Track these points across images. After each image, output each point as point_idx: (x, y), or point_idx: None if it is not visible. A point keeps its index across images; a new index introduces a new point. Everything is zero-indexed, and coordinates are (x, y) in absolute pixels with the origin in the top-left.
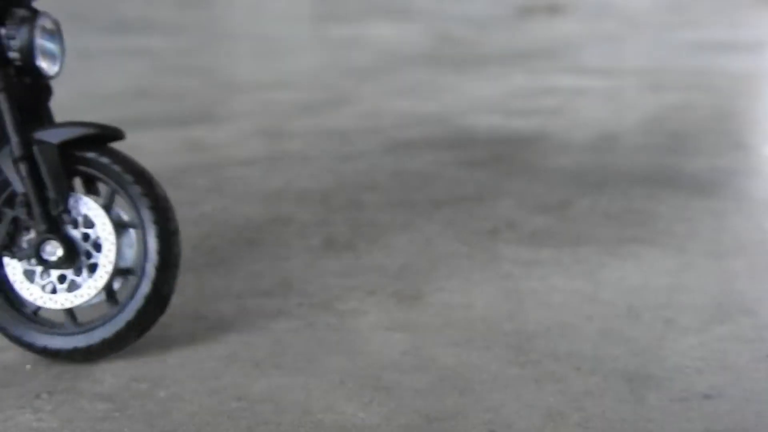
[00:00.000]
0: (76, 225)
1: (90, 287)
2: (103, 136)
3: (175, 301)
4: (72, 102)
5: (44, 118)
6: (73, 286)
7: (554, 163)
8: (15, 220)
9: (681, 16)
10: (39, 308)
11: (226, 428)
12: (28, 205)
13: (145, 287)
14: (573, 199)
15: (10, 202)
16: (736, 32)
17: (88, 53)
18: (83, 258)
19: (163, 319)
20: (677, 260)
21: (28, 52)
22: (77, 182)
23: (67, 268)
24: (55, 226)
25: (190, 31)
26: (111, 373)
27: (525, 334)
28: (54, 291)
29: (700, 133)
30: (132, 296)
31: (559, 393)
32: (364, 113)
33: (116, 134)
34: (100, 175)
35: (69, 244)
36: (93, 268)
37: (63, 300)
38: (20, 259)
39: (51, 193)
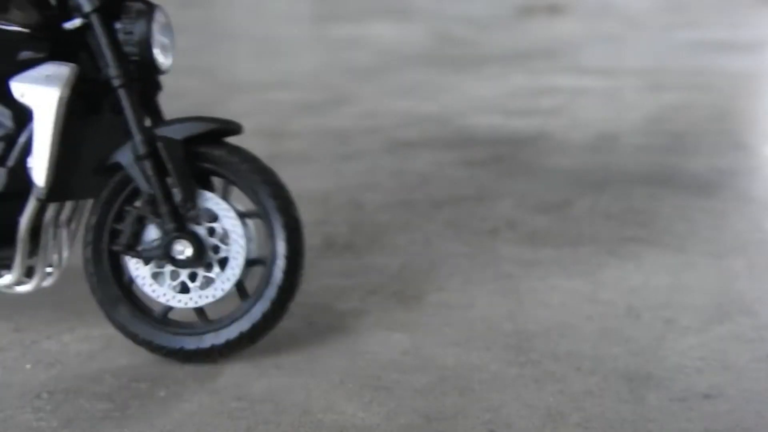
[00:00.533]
0: (198, 220)
1: (224, 282)
2: (222, 131)
3: None
4: None
5: (154, 114)
6: (206, 283)
7: (554, 163)
8: (139, 219)
9: (681, 16)
10: (170, 309)
11: (226, 428)
12: (153, 203)
13: (277, 276)
14: (573, 199)
15: (131, 200)
16: (736, 32)
17: None
18: (211, 253)
19: None
20: (677, 260)
21: (147, 46)
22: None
23: (197, 266)
24: (183, 224)
25: (190, 30)
26: (111, 372)
27: (525, 334)
28: (184, 290)
29: (700, 133)
30: (265, 286)
31: (559, 393)
32: (364, 113)
33: (235, 129)
34: (221, 170)
35: (197, 241)
36: (223, 262)
37: (197, 298)
38: (148, 260)
39: (178, 191)
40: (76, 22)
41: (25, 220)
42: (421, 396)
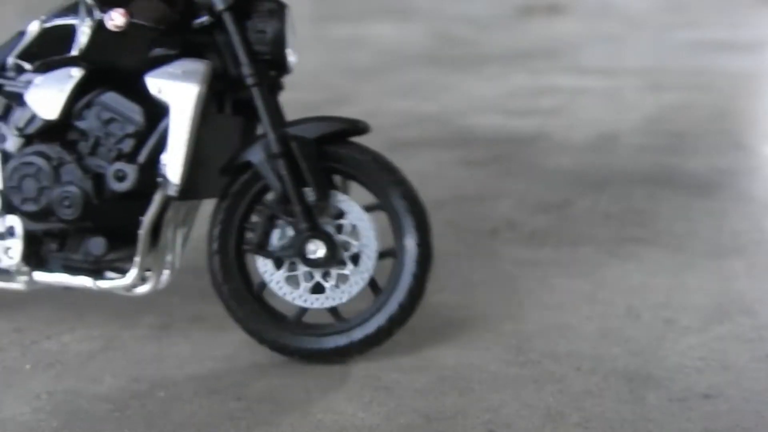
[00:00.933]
0: (328, 219)
1: (359, 277)
2: (350, 131)
3: (175, 301)
4: None
5: (277, 114)
6: (341, 280)
7: (554, 163)
8: (269, 219)
9: (681, 16)
10: (305, 311)
11: (226, 428)
12: (285, 202)
13: (411, 266)
14: (573, 199)
15: (258, 198)
16: (736, 32)
17: None
18: (343, 250)
19: (163, 319)
20: (677, 260)
21: (279, 45)
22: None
23: (331, 264)
24: (316, 223)
25: None
26: (110, 373)
27: (524, 334)
28: (318, 290)
29: (700, 133)
30: (399, 278)
31: (559, 393)
32: (364, 113)
33: (364, 128)
34: (347, 168)
35: (330, 239)
36: (356, 257)
37: (333, 296)
38: (279, 260)
39: (312, 190)
40: (204, 20)
41: (148, 219)
42: (421, 396)
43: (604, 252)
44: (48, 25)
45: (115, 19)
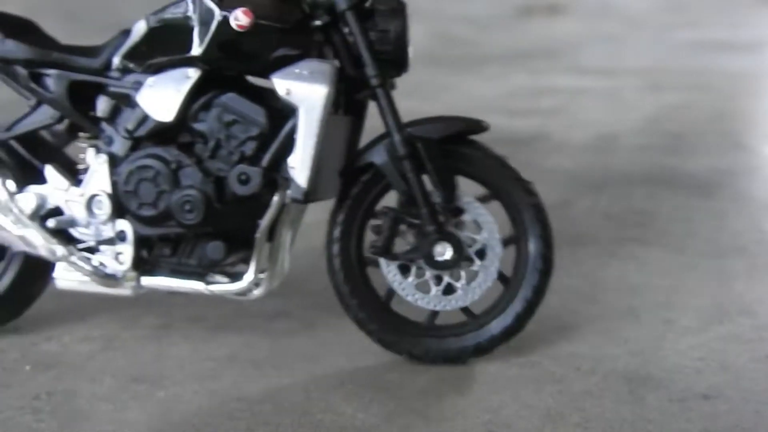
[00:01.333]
0: (450, 219)
1: (488, 271)
2: (469, 130)
3: (175, 301)
4: None
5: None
6: (471, 277)
7: (554, 163)
8: (395, 221)
9: (681, 16)
10: (436, 314)
11: (226, 429)
12: (411, 205)
13: (535, 258)
14: (573, 199)
15: (377, 200)
16: (736, 32)
17: None
18: (468, 248)
19: (163, 319)
20: (677, 260)
21: (402, 45)
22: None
23: (459, 264)
24: (442, 224)
25: None
26: (110, 374)
27: (524, 335)
28: (449, 291)
29: (699, 133)
30: (526, 266)
31: (559, 393)
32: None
33: (484, 127)
34: (467, 167)
35: (456, 240)
36: (481, 252)
37: (466, 295)
38: (405, 263)
39: (438, 192)
40: (326, 20)
41: (266, 222)
42: (420, 396)
43: (604, 252)
44: (156, 24)
45: (241, 19)
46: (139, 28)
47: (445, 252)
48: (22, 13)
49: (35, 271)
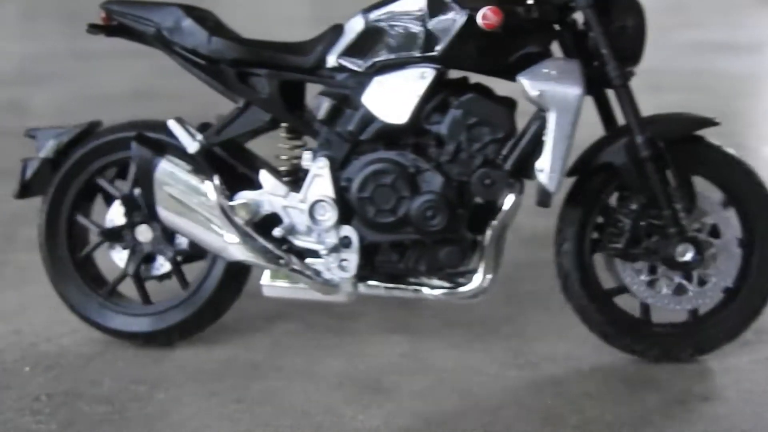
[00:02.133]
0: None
1: (721, 277)
2: (701, 128)
3: None
4: (70, 104)
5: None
6: (704, 279)
7: None
8: (636, 222)
9: (681, 16)
10: (649, 309)
11: (226, 430)
12: (653, 207)
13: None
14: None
15: (606, 199)
16: (736, 32)
17: (86, 54)
18: (708, 250)
19: None
20: None
21: (640, 43)
22: None
23: (698, 267)
24: (684, 228)
25: None
26: (110, 375)
27: (524, 337)
28: (680, 292)
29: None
30: (755, 273)
31: (558, 395)
32: None
33: (716, 123)
34: (707, 169)
35: (698, 242)
36: (715, 257)
37: (699, 297)
38: (652, 266)
39: (681, 194)
40: (574, 17)
41: (499, 225)
42: (420, 398)
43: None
44: (376, 22)
45: (489, 17)
46: (355, 25)
47: (685, 254)
48: (22, 13)
49: (237, 276)
